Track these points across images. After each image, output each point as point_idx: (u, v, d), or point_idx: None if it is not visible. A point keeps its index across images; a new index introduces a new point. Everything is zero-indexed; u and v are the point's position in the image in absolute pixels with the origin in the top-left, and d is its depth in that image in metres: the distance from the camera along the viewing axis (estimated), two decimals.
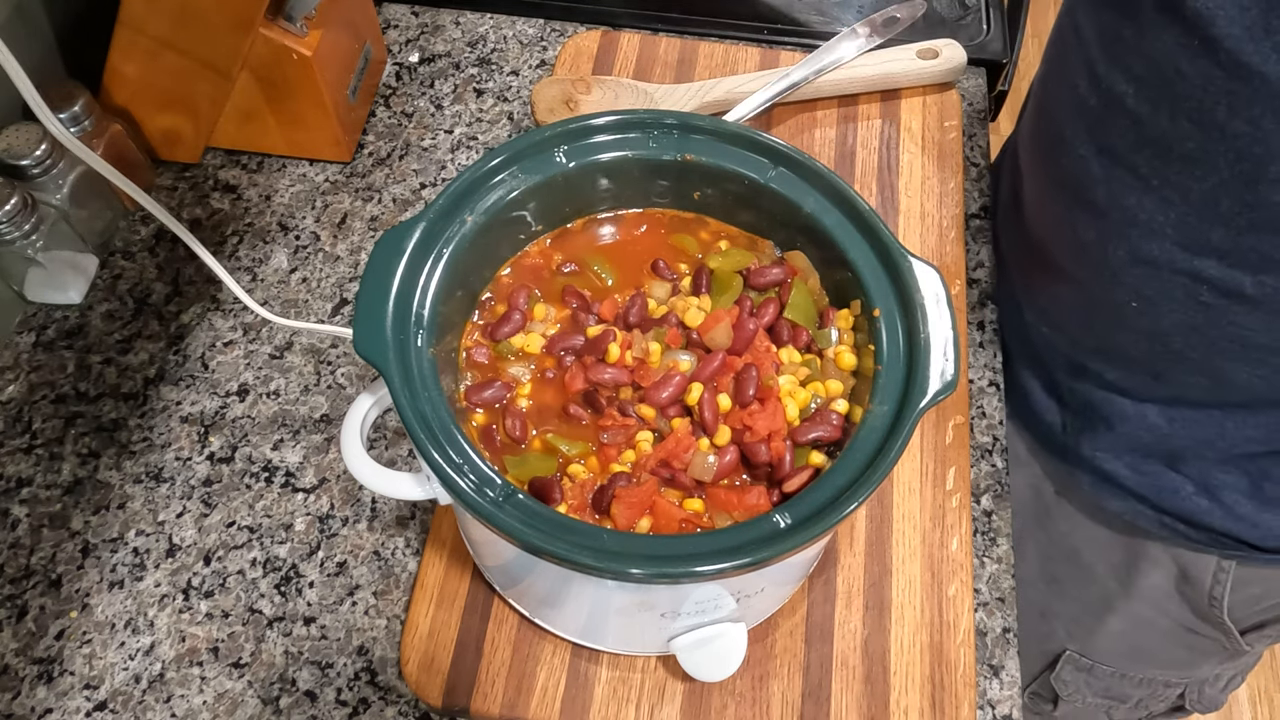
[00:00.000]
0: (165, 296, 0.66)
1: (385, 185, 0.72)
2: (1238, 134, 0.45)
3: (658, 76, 0.76)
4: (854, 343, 0.47)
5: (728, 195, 0.50)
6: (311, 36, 0.64)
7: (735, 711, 0.51)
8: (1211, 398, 0.58)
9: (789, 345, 0.47)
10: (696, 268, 0.50)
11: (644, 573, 0.38)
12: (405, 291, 0.43)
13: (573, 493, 0.44)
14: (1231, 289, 0.51)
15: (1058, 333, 0.65)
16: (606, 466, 0.45)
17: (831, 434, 0.44)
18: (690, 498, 0.44)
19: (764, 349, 0.46)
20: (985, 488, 0.61)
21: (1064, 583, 0.74)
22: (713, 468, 0.44)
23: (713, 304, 0.48)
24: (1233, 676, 0.77)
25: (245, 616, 0.55)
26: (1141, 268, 0.54)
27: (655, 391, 0.45)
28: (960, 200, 0.70)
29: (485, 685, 0.52)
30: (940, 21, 0.82)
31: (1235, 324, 0.52)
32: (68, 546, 0.57)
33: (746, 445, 0.44)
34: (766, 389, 0.45)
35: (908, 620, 0.54)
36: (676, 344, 0.47)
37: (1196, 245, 0.51)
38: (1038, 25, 2.20)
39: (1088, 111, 0.53)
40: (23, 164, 0.60)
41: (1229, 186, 0.47)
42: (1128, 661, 0.75)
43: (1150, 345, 0.57)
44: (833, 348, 0.47)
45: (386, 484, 0.45)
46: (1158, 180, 0.50)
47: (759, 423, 0.44)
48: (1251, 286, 0.50)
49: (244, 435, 0.61)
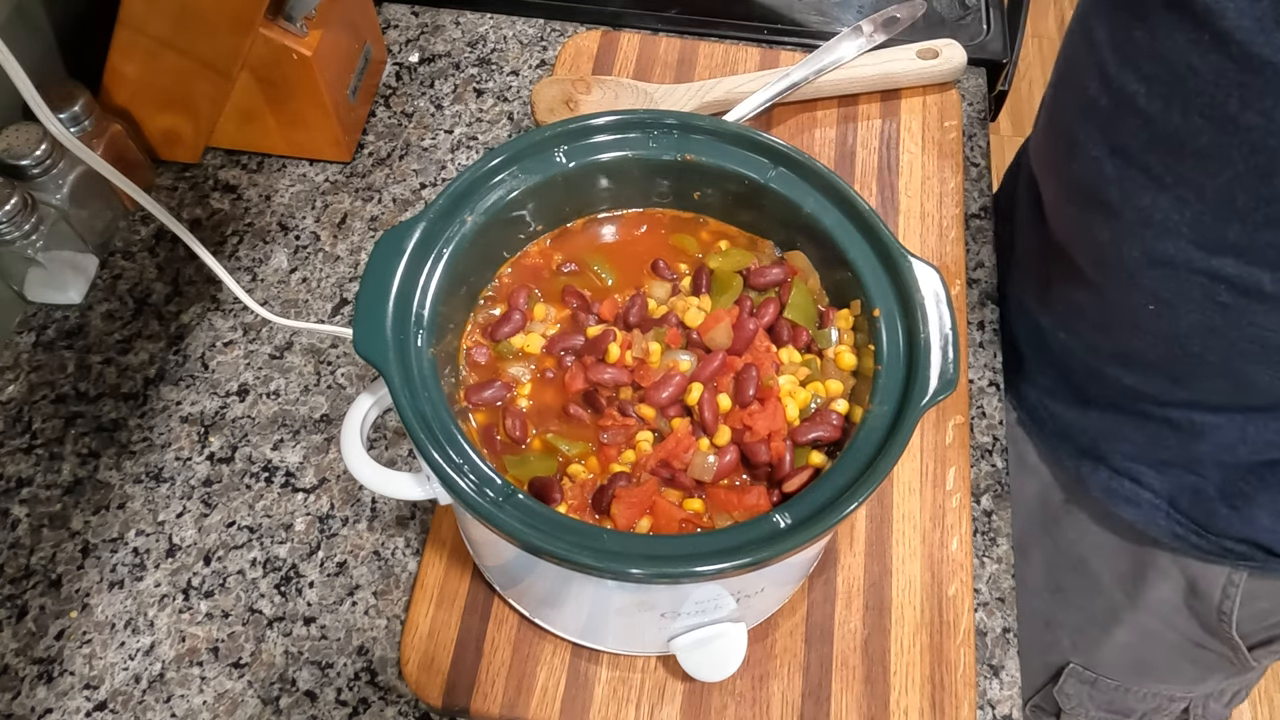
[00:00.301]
0: (165, 296, 0.66)
1: (385, 185, 0.72)
2: (1251, 127, 0.45)
3: (658, 76, 0.76)
4: (854, 343, 0.47)
5: (728, 195, 0.50)
6: (311, 36, 0.64)
7: (735, 711, 0.51)
8: (1232, 401, 0.57)
9: (789, 345, 0.47)
10: (696, 268, 0.50)
11: (644, 573, 0.38)
12: (405, 291, 0.43)
13: (573, 493, 0.44)
14: (1250, 287, 0.50)
15: (1075, 337, 0.64)
16: (606, 466, 0.45)
17: (831, 434, 0.44)
18: (690, 498, 0.44)
19: (764, 349, 0.46)
20: (985, 488, 0.61)
21: (1069, 593, 0.73)
22: (713, 468, 0.44)
23: (713, 304, 0.48)
24: (1237, 691, 0.76)
25: (245, 616, 0.55)
26: (1158, 268, 0.53)
27: (655, 391, 0.45)
28: (960, 200, 0.70)
29: (485, 685, 0.52)
30: (940, 21, 0.82)
31: (1255, 324, 0.52)
32: (68, 546, 0.57)
33: (746, 445, 0.44)
34: (766, 389, 0.45)
35: (908, 620, 0.54)
36: (676, 344, 0.47)
37: (1212, 243, 0.50)
38: (1038, 25, 2.20)
39: (1099, 113, 0.53)
40: (23, 164, 0.60)
41: (1244, 181, 0.47)
42: (1132, 675, 0.74)
43: (1169, 348, 0.56)
44: (832, 348, 0.47)
45: (386, 484, 0.45)
46: (1171, 178, 0.50)
47: (759, 423, 0.44)
48: (1270, 284, 0.49)
49: (244, 435, 0.61)
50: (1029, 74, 2.11)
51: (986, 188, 0.74)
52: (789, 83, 0.70)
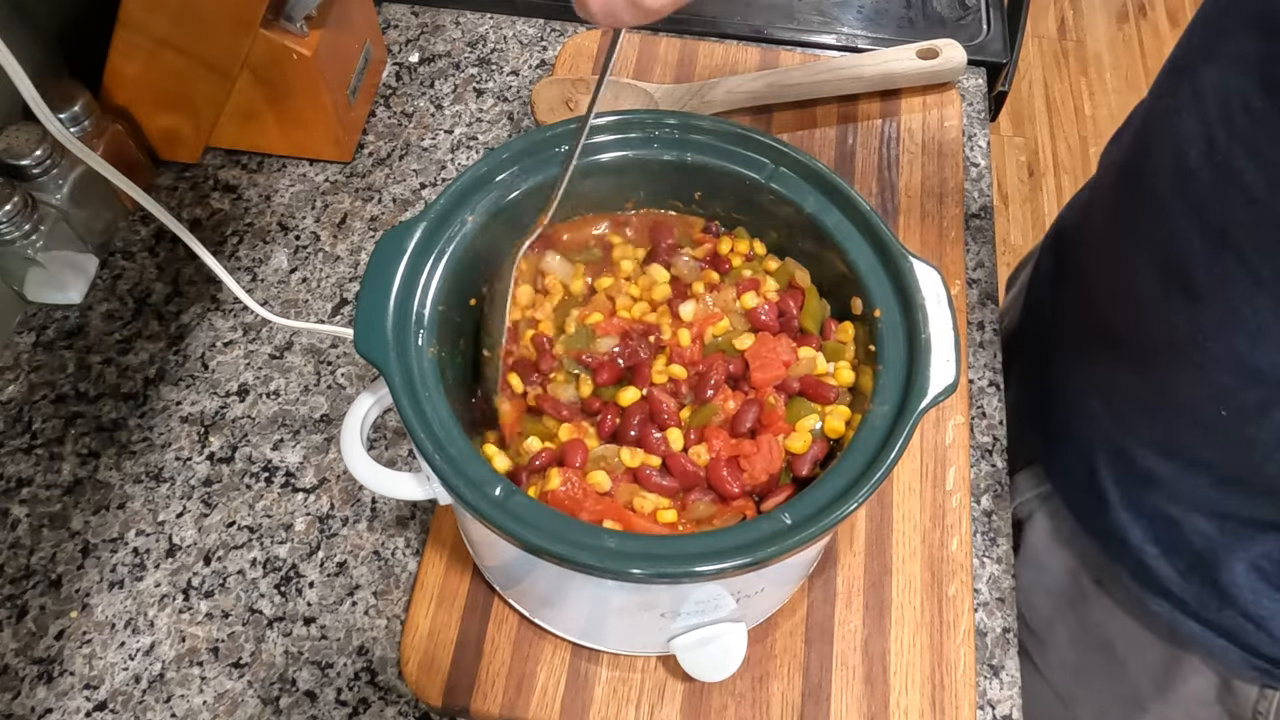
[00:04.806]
0: (165, 296, 0.66)
1: (385, 185, 0.72)
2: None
3: (658, 76, 0.76)
4: (853, 357, 0.47)
5: (728, 195, 0.50)
6: (311, 36, 0.64)
7: (735, 711, 0.51)
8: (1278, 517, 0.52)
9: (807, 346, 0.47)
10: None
11: (644, 572, 0.37)
12: (406, 291, 0.43)
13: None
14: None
15: (1110, 411, 0.58)
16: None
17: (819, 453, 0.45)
18: (669, 504, 0.44)
19: (779, 360, 0.46)
20: (985, 488, 0.61)
21: (1093, 674, 0.67)
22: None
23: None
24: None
25: (245, 616, 0.55)
26: (1242, 375, 0.47)
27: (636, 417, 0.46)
28: (960, 200, 0.70)
29: (485, 685, 0.52)
30: (940, 21, 0.82)
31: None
32: (68, 546, 0.57)
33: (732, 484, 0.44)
34: (770, 414, 0.45)
35: (908, 620, 0.54)
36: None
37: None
38: (1038, 25, 2.21)
39: (1196, 183, 0.47)
40: (23, 164, 0.60)
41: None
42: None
43: (1228, 454, 0.51)
44: (833, 363, 0.47)
45: (386, 484, 0.45)
46: (1271, 274, 0.44)
47: (757, 466, 0.44)
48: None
49: (244, 435, 0.61)
50: (1029, 74, 2.12)
51: (986, 188, 0.74)
52: (789, 82, 0.70)
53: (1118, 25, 2.21)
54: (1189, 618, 0.57)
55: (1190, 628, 0.57)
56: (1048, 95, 2.08)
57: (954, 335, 0.43)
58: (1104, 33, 2.19)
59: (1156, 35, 2.18)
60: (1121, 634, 0.63)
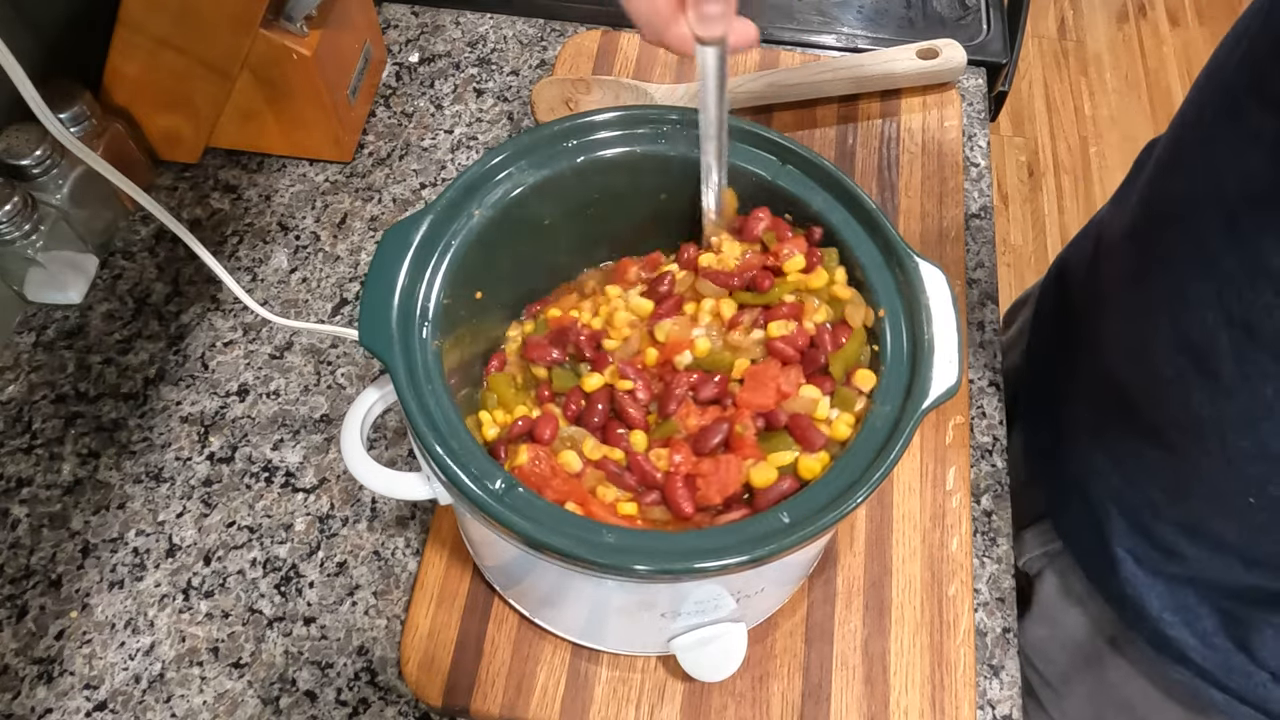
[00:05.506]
0: (165, 296, 0.66)
1: (385, 185, 0.72)
2: None
3: (658, 76, 0.76)
4: (859, 409, 0.43)
5: (736, 192, 0.50)
6: (311, 36, 0.64)
7: (735, 711, 0.51)
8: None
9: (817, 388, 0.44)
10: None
11: (645, 569, 0.37)
12: (411, 285, 0.43)
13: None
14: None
15: (1123, 476, 0.56)
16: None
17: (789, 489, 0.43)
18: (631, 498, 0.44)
19: (775, 388, 0.44)
20: (985, 488, 0.61)
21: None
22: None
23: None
24: None
25: (245, 616, 0.55)
26: (1273, 465, 0.44)
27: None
28: (960, 200, 0.70)
29: (485, 685, 0.52)
30: (940, 21, 0.82)
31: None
32: (68, 546, 0.57)
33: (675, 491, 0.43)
34: (737, 440, 0.43)
35: (908, 620, 0.54)
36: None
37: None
38: (1038, 25, 2.21)
39: (1218, 273, 0.44)
40: (23, 164, 0.60)
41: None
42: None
43: (1253, 538, 0.49)
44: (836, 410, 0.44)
45: (387, 484, 0.45)
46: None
47: (712, 488, 0.42)
48: None
49: (244, 435, 0.61)
50: (1029, 74, 2.12)
51: (986, 188, 0.74)
52: (788, 82, 0.70)
53: (1118, 25, 2.21)
54: (1211, 685, 0.55)
55: (1213, 695, 0.55)
56: (1048, 95, 2.08)
57: (957, 336, 0.42)
58: (1104, 33, 2.19)
59: (1156, 35, 2.19)
60: (1141, 696, 0.61)
